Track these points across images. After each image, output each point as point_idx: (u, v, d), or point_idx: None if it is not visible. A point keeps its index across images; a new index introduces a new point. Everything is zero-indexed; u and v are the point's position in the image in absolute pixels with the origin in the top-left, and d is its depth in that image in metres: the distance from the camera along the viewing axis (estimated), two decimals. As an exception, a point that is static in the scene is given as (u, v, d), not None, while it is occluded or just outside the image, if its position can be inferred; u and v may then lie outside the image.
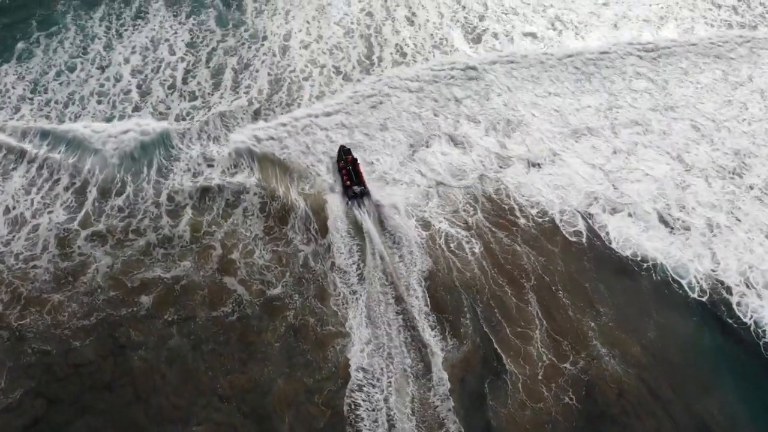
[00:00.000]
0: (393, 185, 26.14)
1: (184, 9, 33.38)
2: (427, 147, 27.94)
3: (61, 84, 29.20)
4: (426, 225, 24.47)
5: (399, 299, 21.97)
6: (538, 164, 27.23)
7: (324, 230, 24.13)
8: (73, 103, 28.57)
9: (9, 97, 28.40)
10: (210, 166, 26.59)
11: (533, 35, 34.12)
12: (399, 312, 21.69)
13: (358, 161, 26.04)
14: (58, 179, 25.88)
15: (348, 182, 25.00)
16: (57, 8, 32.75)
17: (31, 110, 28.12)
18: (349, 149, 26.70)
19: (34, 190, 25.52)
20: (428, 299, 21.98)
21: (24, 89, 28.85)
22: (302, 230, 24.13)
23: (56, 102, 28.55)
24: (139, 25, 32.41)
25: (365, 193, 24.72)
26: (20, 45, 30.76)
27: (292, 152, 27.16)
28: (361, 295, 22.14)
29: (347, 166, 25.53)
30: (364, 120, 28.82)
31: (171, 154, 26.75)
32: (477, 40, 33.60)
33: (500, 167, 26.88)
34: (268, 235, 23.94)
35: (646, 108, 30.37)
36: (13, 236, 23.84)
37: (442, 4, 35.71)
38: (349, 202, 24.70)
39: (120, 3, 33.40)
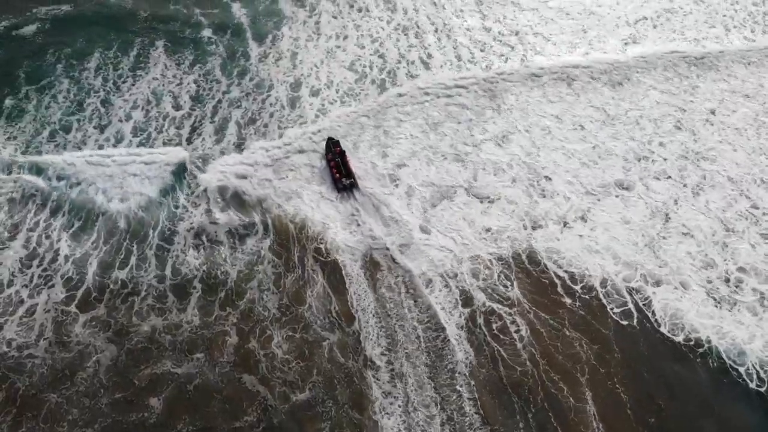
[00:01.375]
0: (417, 247, 23.96)
1: (187, 56, 31.35)
2: (451, 200, 25.99)
3: (56, 146, 26.83)
4: (466, 300, 22.30)
5: (445, 401, 19.81)
6: (570, 224, 25.17)
7: (348, 315, 21.87)
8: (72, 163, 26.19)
9: (-1, 161, 25.94)
10: (214, 223, 24.50)
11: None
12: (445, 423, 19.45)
13: (346, 153, 25.82)
14: (58, 249, 23.69)
15: (337, 175, 25.12)
16: (46, 58, 30.60)
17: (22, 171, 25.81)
18: (338, 141, 26.51)
19: (35, 263, 23.29)
20: (478, 405, 19.72)
21: (15, 150, 26.58)
22: (322, 311, 21.91)
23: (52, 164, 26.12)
24: (140, 75, 30.30)
25: (354, 185, 24.92)
26: (8, 102, 28.52)
27: (304, 208, 25.23)
28: (398, 399, 19.90)
29: (336, 158, 25.49)
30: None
31: (176, 214, 24.79)
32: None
33: (532, 227, 24.80)
34: (285, 315, 21.72)
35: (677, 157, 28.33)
36: (6, 320, 21.40)
37: (459, 45, 33.58)
38: (339, 195, 24.89)
39: (116, 50, 31.22)
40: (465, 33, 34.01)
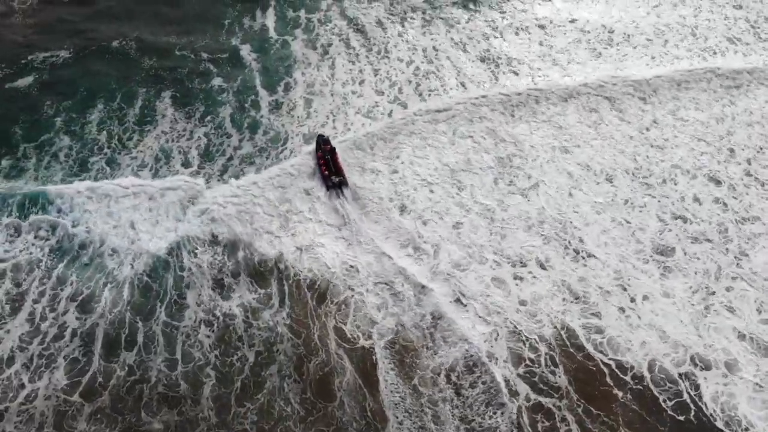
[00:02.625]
0: (451, 324, 22.22)
1: (197, 107, 29.46)
2: (480, 262, 24.28)
3: (59, 212, 24.96)
4: (510, 391, 20.47)
5: None
6: (610, 295, 23.42)
7: (382, 416, 20.03)
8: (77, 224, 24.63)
9: (-1, 227, 24.06)
10: (227, 298, 22.56)
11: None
12: None
13: (336, 151, 26.01)
14: (65, 323, 21.95)
15: (326, 172, 25.30)
16: (44, 111, 28.75)
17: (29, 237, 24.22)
18: (328, 138, 26.71)
19: (37, 340, 21.51)
20: None
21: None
22: (355, 409, 20.03)
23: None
24: (147, 129, 28.33)
25: (344, 183, 25.13)
26: (5, 162, 26.62)
27: (321, 270, 23.67)
28: None
29: (325, 156, 25.63)
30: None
31: (183, 279, 23.13)
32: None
33: (571, 299, 23.03)
34: (310, 414, 19.84)
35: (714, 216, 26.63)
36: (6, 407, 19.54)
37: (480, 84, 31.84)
38: (328, 192, 25.02)
39: (120, 102, 29.36)
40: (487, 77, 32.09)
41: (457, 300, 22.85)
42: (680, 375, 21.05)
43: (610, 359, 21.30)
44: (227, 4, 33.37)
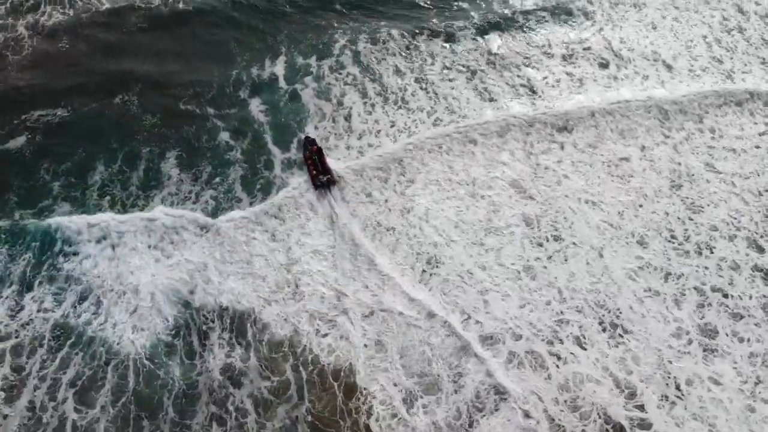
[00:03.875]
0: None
1: (204, 169, 27.54)
2: (515, 339, 22.85)
3: (60, 295, 23.22)
4: None
5: None
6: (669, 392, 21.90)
7: None
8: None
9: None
10: (238, 385, 21.37)
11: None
12: None
13: (323, 151, 26.77)
14: (63, 415, 20.60)
15: (314, 172, 26.12)
16: (40, 175, 26.68)
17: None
18: (314, 139, 27.43)
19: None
20: None
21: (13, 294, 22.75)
22: None
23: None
24: (152, 194, 26.37)
25: (331, 181, 25.97)
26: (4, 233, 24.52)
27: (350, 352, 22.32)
28: None
29: (312, 156, 26.47)
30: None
31: (193, 368, 21.82)
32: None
33: (623, 394, 21.67)
34: None
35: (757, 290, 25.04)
36: None
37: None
38: (316, 192, 25.70)
39: (122, 164, 27.37)
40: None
41: (497, 392, 21.08)
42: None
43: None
44: (235, 53, 31.36)
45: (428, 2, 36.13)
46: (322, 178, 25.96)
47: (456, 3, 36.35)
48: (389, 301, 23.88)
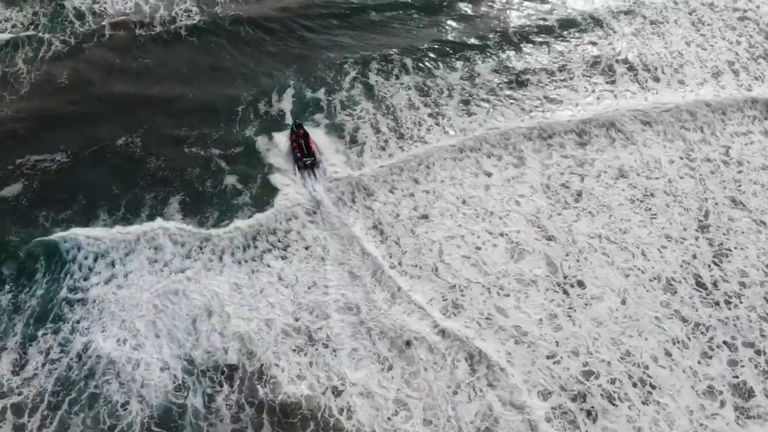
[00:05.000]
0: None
1: (210, 214, 26.49)
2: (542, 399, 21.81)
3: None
4: None
5: None
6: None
7: None
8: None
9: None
10: None
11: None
12: None
13: (309, 135, 27.85)
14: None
15: (299, 154, 27.23)
16: (38, 224, 25.50)
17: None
18: (300, 124, 28.53)
19: None
20: None
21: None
22: None
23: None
24: (155, 268, 24.74)
25: (315, 164, 27.09)
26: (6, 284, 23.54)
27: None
28: None
29: (299, 140, 27.60)
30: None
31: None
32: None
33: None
34: None
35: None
36: None
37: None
38: (300, 173, 26.74)
39: (125, 212, 26.31)
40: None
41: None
42: None
43: None
44: (241, 88, 30.26)
45: (440, 31, 34.74)
46: (307, 161, 27.06)
47: (466, 32, 35.59)
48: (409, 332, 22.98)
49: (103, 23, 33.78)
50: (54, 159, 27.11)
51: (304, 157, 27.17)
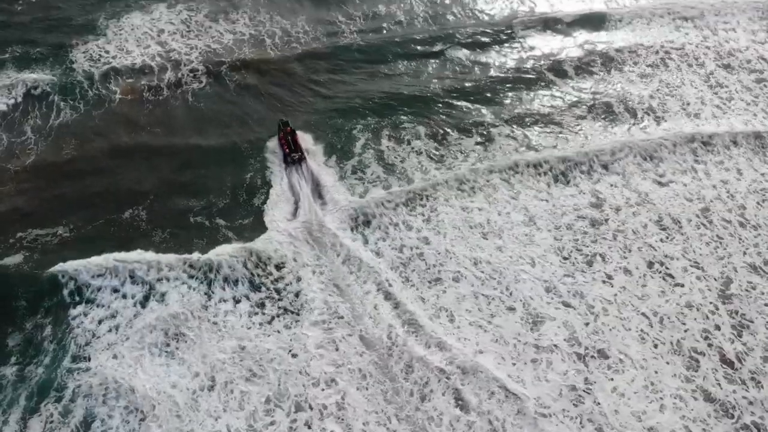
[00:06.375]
0: None
1: (216, 291, 25.40)
2: None
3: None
4: None
5: None
6: None
7: None
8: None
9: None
10: None
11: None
12: None
13: (296, 132, 29.97)
14: None
15: (287, 150, 29.27)
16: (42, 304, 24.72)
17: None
18: (287, 122, 30.80)
19: None
20: None
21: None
22: None
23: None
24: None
25: (302, 159, 29.14)
26: (6, 368, 23.04)
27: None
28: None
29: (287, 137, 29.68)
30: None
31: None
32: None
33: None
34: None
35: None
36: None
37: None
38: (288, 168, 28.70)
39: (131, 291, 25.31)
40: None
41: None
42: None
43: None
44: (248, 155, 29.77)
45: (451, 94, 34.46)
46: (294, 156, 28.97)
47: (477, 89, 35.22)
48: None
49: (112, 86, 33.45)
50: (56, 233, 26.65)
51: (292, 152, 29.05)
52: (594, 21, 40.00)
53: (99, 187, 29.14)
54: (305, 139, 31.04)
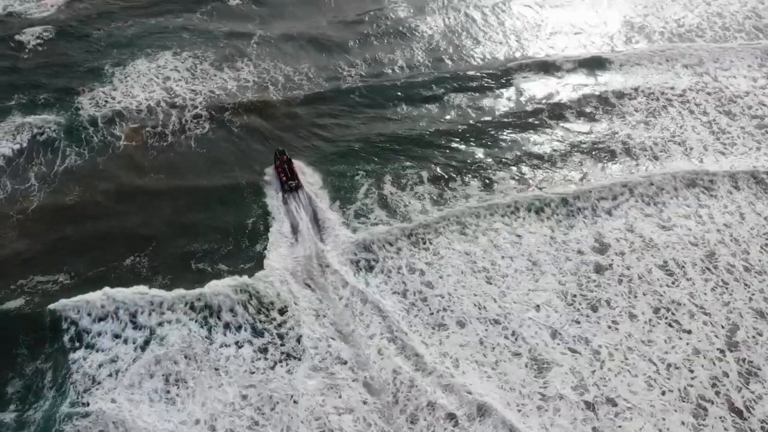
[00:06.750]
0: None
1: (217, 336, 25.06)
2: None
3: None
4: None
5: None
6: None
7: None
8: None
9: None
10: None
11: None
12: None
13: (292, 161, 31.14)
14: None
15: (284, 178, 30.29)
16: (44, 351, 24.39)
17: None
18: (283, 150, 32.04)
19: None
20: None
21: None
22: None
23: None
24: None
25: (299, 186, 30.17)
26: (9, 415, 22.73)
27: None
28: None
29: (283, 165, 30.76)
30: None
31: None
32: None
33: None
34: None
35: None
36: None
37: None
38: (285, 195, 29.62)
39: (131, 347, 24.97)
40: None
41: None
42: None
43: None
44: (250, 200, 29.79)
45: (452, 138, 34.76)
46: (291, 183, 30.00)
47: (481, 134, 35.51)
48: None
49: (117, 132, 33.74)
50: (57, 280, 26.51)
51: (289, 180, 29.96)
52: (592, 65, 40.40)
53: (101, 232, 29.15)
54: (312, 182, 31.37)
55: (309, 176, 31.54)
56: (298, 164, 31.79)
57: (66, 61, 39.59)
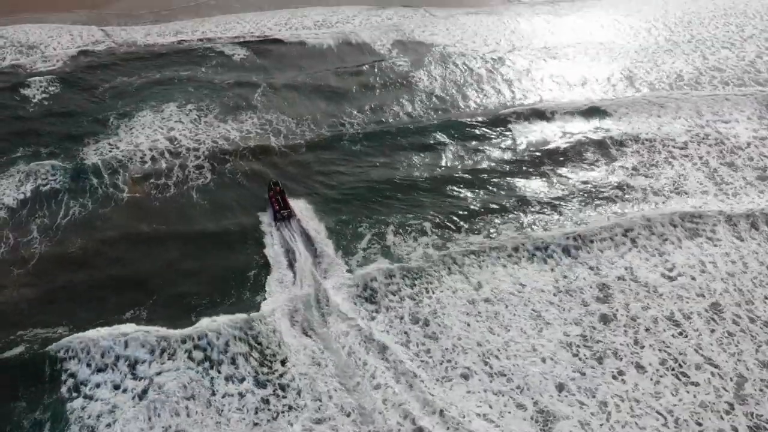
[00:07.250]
0: None
1: (219, 386, 24.74)
2: None
3: None
4: None
5: None
6: None
7: None
8: None
9: None
10: None
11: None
12: None
13: (285, 192, 32.45)
14: None
15: (276, 207, 31.48)
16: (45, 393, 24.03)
17: None
18: (277, 182, 33.49)
19: None
20: None
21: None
22: None
23: None
24: None
25: (291, 215, 31.24)
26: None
27: None
28: None
29: (276, 196, 32.02)
30: None
31: None
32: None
33: None
34: None
35: None
36: None
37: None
38: (277, 224, 30.73)
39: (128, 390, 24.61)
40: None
41: None
42: None
43: None
44: (250, 251, 30.31)
45: (455, 190, 34.98)
46: (284, 213, 31.06)
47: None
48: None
49: (120, 183, 33.92)
50: (56, 332, 26.14)
51: (282, 209, 31.07)
52: (590, 114, 41.08)
53: (102, 282, 28.95)
54: (320, 232, 31.28)
55: (311, 221, 31.84)
56: (299, 206, 32.60)
57: (71, 113, 40.14)
